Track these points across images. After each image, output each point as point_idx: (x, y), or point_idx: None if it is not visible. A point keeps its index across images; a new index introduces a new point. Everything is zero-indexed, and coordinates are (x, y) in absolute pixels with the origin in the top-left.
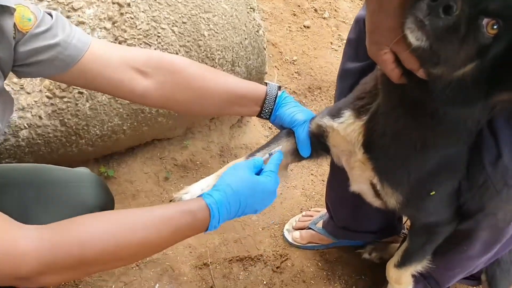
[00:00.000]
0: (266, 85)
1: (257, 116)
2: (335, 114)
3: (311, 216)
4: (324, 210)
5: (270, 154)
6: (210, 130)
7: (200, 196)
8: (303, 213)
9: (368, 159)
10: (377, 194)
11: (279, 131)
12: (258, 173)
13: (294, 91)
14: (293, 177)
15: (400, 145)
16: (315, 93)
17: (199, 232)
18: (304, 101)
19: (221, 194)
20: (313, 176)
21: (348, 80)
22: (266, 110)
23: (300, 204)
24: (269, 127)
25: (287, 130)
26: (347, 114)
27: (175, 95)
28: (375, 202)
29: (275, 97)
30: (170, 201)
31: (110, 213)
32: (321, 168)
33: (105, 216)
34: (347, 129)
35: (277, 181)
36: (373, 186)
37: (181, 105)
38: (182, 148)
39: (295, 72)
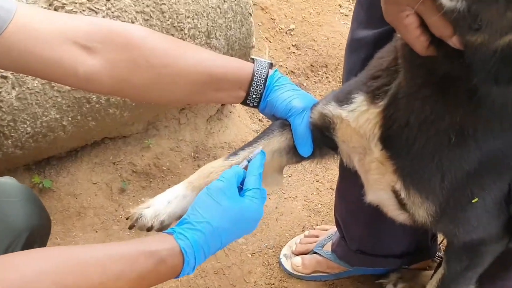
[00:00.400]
0: (253, 62)
1: (241, 103)
2: (343, 99)
3: (317, 236)
4: (333, 228)
5: (249, 161)
6: (180, 125)
7: (170, 232)
8: (306, 232)
9: (388, 158)
10: (401, 204)
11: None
12: (239, 189)
13: (291, 71)
14: (292, 184)
15: (429, 138)
16: (319, 72)
17: (167, 279)
18: (304, 84)
19: (198, 235)
20: (318, 183)
21: (359, 53)
22: (254, 96)
23: (301, 220)
24: (260, 119)
25: (281, 122)
26: (359, 99)
27: (131, 77)
28: (400, 216)
29: (265, 78)
30: (127, 218)
31: (51, 251)
32: (329, 173)
33: (44, 254)
34: (359, 118)
35: (263, 199)
36: (395, 194)
37: (139, 90)
38: (142, 150)
39: (292, 46)
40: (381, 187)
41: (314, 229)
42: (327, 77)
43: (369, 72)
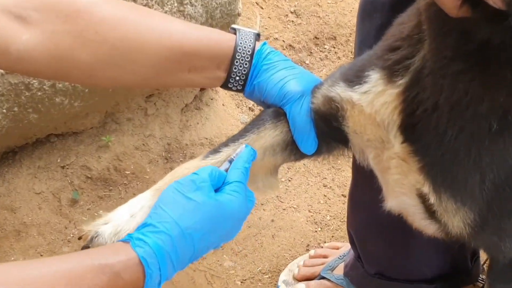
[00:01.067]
0: (235, 34)
1: (222, 87)
2: (354, 78)
3: (325, 256)
4: (346, 246)
5: (231, 161)
6: (147, 117)
7: (126, 239)
8: (311, 252)
9: (412, 153)
10: (430, 212)
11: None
12: (217, 190)
13: (290, 45)
14: (292, 191)
15: (464, 126)
16: (325, 46)
17: None
18: (307, 62)
19: (162, 239)
20: (326, 188)
21: (374, 19)
22: (237, 77)
23: (305, 236)
24: (250, 107)
25: (274, 109)
26: (374, 78)
27: (77, 54)
28: (428, 227)
29: (251, 54)
30: (80, 238)
31: None
32: (340, 175)
33: None
34: (374, 102)
35: (250, 199)
36: (422, 199)
37: (88, 71)
38: (99, 149)
39: (290, 12)
40: (403, 191)
41: (322, 247)
42: (335, 52)
43: (386, 42)
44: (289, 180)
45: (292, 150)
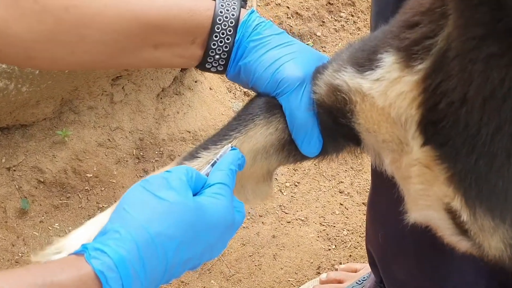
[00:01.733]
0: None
1: (198, 67)
2: (365, 61)
3: (340, 281)
4: (366, 268)
5: (213, 164)
6: (114, 104)
7: (80, 251)
8: (323, 276)
9: (437, 159)
10: (461, 230)
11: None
12: (195, 195)
13: (296, 12)
14: (299, 198)
15: (501, 124)
16: (341, 14)
17: None
18: (318, 34)
19: (126, 247)
20: (343, 195)
21: None
22: (216, 55)
23: (315, 256)
24: (245, 92)
25: (266, 100)
26: (388, 61)
27: (11, 27)
28: (461, 243)
29: (235, 25)
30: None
31: None
32: (361, 177)
33: None
34: (389, 92)
35: (238, 209)
36: (451, 214)
37: (27, 49)
38: (54, 146)
39: None
40: (428, 204)
41: (336, 270)
42: (354, 22)
43: (403, 17)
44: (296, 185)
45: (290, 150)
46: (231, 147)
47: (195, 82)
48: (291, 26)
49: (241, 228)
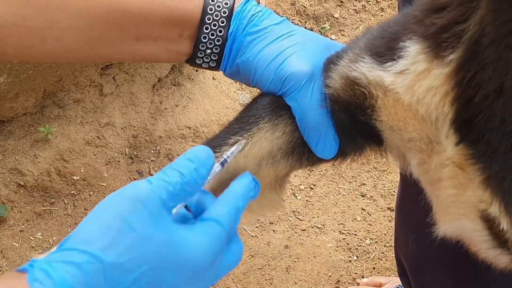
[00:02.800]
0: None
1: (188, 62)
2: (385, 50)
3: None
4: (392, 282)
5: (223, 163)
6: (104, 97)
7: (25, 269)
8: None
9: (471, 158)
10: (500, 241)
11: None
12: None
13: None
14: (316, 203)
15: None
16: (361, 1)
17: None
18: (336, 15)
19: (73, 273)
20: (365, 199)
21: None
22: (207, 49)
23: (334, 269)
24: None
25: (270, 99)
26: (413, 51)
27: None
28: (499, 259)
29: (228, 16)
30: None
31: None
32: (386, 178)
33: None
34: (416, 87)
35: (234, 252)
36: (489, 223)
37: None
38: (35, 144)
39: None
40: (461, 211)
41: (358, 284)
42: (377, 2)
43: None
44: (311, 188)
45: (302, 153)
46: (243, 144)
47: (196, 71)
48: (304, 7)
49: (250, 237)
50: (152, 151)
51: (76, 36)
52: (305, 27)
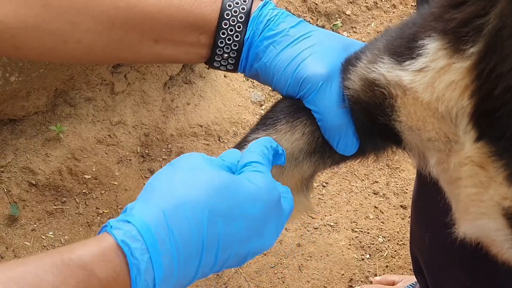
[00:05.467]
0: None
1: (207, 64)
2: (404, 49)
3: None
4: (405, 280)
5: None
6: (115, 95)
7: (103, 229)
8: None
9: (493, 155)
10: None
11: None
12: None
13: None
14: (328, 201)
15: None
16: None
17: None
18: (348, 12)
19: (151, 214)
20: (378, 197)
21: None
22: (224, 53)
23: (347, 267)
24: None
25: (289, 102)
26: (432, 48)
27: None
28: None
29: (245, 20)
30: None
31: None
32: (398, 176)
33: None
34: (436, 84)
35: (284, 195)
36: (511, 220)
37: (12, 37)
38: (47, 143)
39: None
40: (482, 210)
41: (371, 282)
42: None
43: None
44: (324, 186)
45: (324, 152)
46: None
47: (208, 69)
48: (316, 4)
49: None
50: (164, 150)
51: (96, 39)
52: (317, 24)
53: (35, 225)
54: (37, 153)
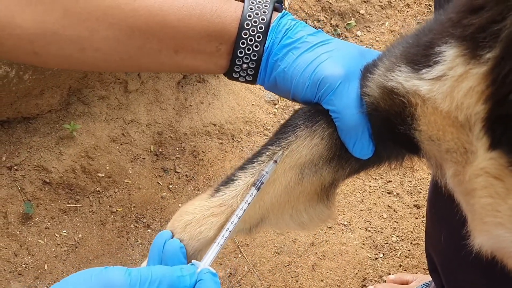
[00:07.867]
0: (243, 0)
1: (226, 75)
2: (420, 58)
3: None
4: (419, 280)
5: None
6: (129, 93)
7: None
8: None
9: (509, 165)
10: None
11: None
12: None
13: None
14: (342, 200)
15: None
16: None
17: None
18: (362, 12)
19: None
20: (391, 196)
21: None
22: (244, 64)
23: (360, 266)
24: None
25: (307, 109)
26: (450, 55)
27: (16, 18)
28: None
29: (265, 31)
30: None
31: None
32: (412, 176)
33: None
34: (455, 93)
35: None
36: None
37: (31, 43)
38: (60, 142)
39: None
40: (498, 220)
41: (385, 281)
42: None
43: (462, 1)
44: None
45: (343, 158)
46: (274, 161)
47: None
48: (330, 3)
49: (275, 235)
50: (177, 148)
51: (115, 47)
52: (331, 24)
53: (48, 223)
54: (50, 151)
